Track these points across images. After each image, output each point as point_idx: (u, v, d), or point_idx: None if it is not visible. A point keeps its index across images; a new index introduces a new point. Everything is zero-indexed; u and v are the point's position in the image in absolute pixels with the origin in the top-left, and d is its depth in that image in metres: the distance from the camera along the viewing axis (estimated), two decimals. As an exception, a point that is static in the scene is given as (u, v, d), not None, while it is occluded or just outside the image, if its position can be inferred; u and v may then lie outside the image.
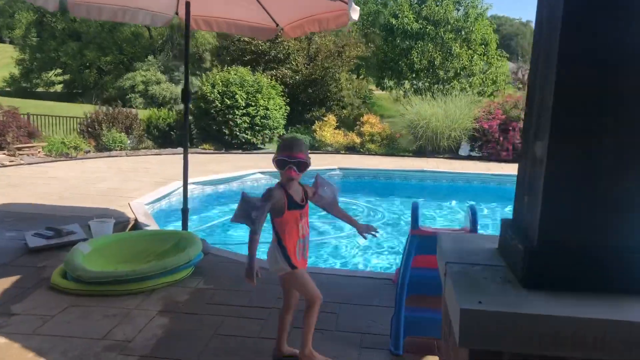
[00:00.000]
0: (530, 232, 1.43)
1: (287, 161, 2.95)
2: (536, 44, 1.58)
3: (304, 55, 17.12)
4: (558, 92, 1.36)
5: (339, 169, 10.82)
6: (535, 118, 1.50)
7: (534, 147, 1.48)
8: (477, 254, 1.66)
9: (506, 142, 12.32)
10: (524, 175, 1.56)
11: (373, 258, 6.40)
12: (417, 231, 3.59)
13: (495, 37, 17.35)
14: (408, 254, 3.60)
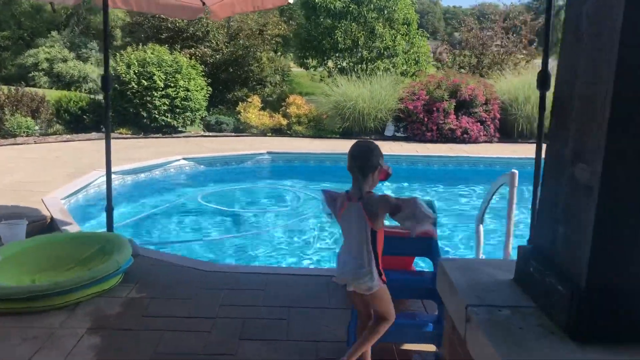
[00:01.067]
0: (574, 272, 1.21)
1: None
2: (571, 39, 1.33)
3: (225, 34, 16.44)
4: (617, 104, 1.13)
5: (268, 153, 10.47)
6: (573, 134, 1.27)
7: (572, 169, 1.25)
8: (495, 290, 1.43)
9: (430, 122, 12.43)
10: (556, 201, 1.33)
11: (317, 252, 6.14)
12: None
13: (416, 16, 17.46)
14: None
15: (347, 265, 2.85)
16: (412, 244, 3.41)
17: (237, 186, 9.02)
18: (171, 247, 5.96)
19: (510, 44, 18.68)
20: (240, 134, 13.16)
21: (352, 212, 2.78)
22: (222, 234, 6.53)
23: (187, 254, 5.54)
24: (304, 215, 7.38)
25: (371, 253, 2.80)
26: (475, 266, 1.57)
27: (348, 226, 2.84)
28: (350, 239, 2.84)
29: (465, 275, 1.50)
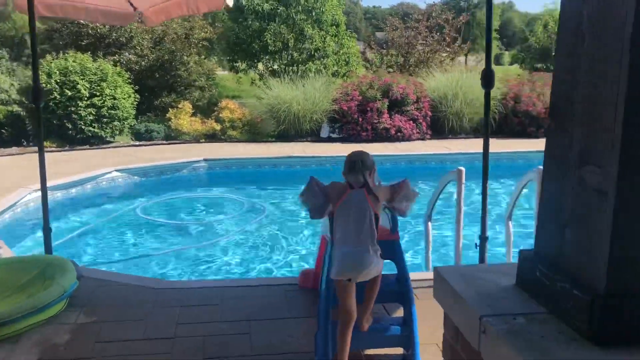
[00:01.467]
0: (591, 277, 1.20)
1: None
2: (569, 40, 1.32)
3: (149, 39, 15.90)
4: (632, 104, 1.12)
5: (204, 160, 10.21)
6: (578, 136, 1.26)
7: (579, 172, 1.25)
8: (503, 298, 1.41)
9: (365, 122, 12.56)
10: (561, 205, 1.32)
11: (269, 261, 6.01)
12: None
13: (344, 18, 17.62)
14: (330, 262, 3.31)
15: (349, 258, 2.88)
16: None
17: (176, 196, 8.74)
18: (115, 265, 5.67)
19: (434, 43, 19.23)
20: (172, 141, 12.79)
21: (353, 199, 2.92)
22: (167, 248, 6.28)
23: (133, 272, 5.29)
24: (250, 222, 7.24)
25: (375, 234, 2.92)
26: (475, 273, 1.54)
27: (346, 214, 2.92)
28: (349, 228, 2.89)
29: (468, 283, 1.47)
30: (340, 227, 2.95)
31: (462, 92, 13.26)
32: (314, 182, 3.11)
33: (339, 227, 2.96)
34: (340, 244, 2.93)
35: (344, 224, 2.93)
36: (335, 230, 2.98)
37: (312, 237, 6.74)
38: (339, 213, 2.96)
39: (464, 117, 13.28)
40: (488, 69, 4.17)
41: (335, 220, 2.99)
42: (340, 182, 3.07)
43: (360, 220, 2.90)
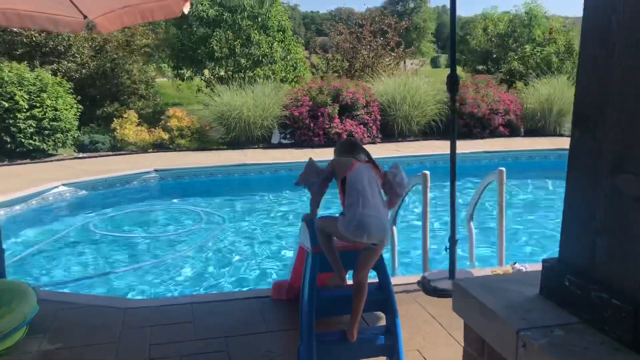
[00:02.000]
0: (631, 286, 1.21)
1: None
2: (597, 50, 1.32)
3: (89, 47, 15.35)
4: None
5: (155, 170, 9.91)
6: (611, 145, 1.26)
7: (613, 180, 1.25)
8: (532, 309, 1.41)
9: (317, 128, 12.56)
10: (592, 213, 1.32)
11: (237, 273, 5.85)
12: (318, 249, 3.28)
13: (290, 23, 17.58)
14: (312, 274, 3.26)
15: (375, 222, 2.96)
16: (354, 256, 3.34)
17: (130, 209, 8.44)
18: (74, 285, 5.39)
19: (379, 47, 19.47)
20: (119, 152, 12.37)
21: (363, 169, 3.13)
22: (127, 264, 6.04)
23: (95, 291, 5.04)
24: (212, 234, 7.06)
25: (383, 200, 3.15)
26: (498, 284, 1.53)
27: (360, 181, 3.06)
28: (365, 194, 3.01)
29: (494, 295, 1.45)
30: (355, 192, 3.02)
31: (410, 95, 13.48)
32: (313, 163, 3.40)
33: (353, 191, 3.03)
34: (361, 208, 2.97)
35: (361, 189, 3.02)
36: (349, 195, 3.04)
37: (278, 247, 6.65)
38: (351, 180, 3.08)
39: (413, 120, 13.50)
40: (453, 74, 4.22)
41: (348, 187, 3.07)
42: (342, 158, 3.30)
43: (374, 189, 3.08)
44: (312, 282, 3.23)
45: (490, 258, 5.99)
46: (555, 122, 13.88)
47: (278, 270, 5.83)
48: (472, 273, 4.53)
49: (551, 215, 7.91)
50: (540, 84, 14.31)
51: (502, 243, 4.98)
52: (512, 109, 13.77)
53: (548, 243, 6.67)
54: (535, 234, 6.95)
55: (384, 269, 3.35)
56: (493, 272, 4.54)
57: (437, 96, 13.76)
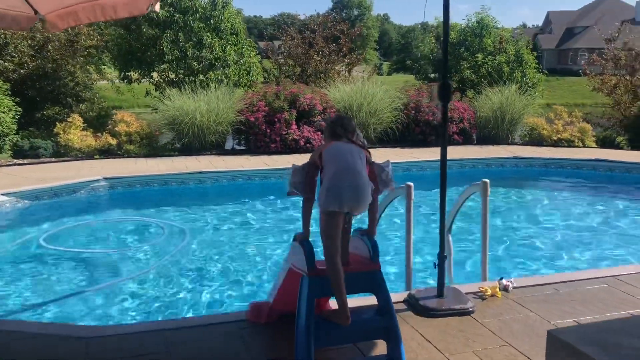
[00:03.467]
0: None
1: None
2: None
3: (29, 45, 14.43)
4: None
5: (104, 179, 9.30)
6: None
7: None
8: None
9: (273, 134, 12.23)
10: None
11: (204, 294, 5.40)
12: (316, 271, 2.98)
13: (243, 26, 17.18)
14: (309, 300, 2.96)
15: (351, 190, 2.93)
16: (354, 279, 3.06)
17: (79, 222, 7.84)
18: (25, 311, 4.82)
19: (331, 53, 19.34)
20: (62, 158, 11.62)
21: (342, 145, 3.09)
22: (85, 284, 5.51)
23: (51, 317, 4.53)
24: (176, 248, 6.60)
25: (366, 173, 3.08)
26: (610, 339, 1.28)
27: (337, 154, 3.03)
28: (343, 164, 2.98)
29: (611, 354, 1.20)
30: (333, 165, 3.00)
31: (367, 102, 13.36)
32: (295, 165, 3.26)
33: (331, 165, 3.01)
34: (336, 179, 2.95)
35: (337, 162, 3.00)
36: (327, 170, 3.01)
37: (250, 263, 6.27)
38: (327, 155, 3.05)
39: (370, 127, 13.38)
40: (445, 83, 4.02)
41: (326, 164, 3.04)
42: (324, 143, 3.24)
43: (354, 158, 3.02)
44: (310, 309, 2.93)
45: (471, 271, 5.87)
46: (507, 130, 14.09)
47: (251, 289, 5.47)
48: (459, 290, 4.34)
49: (516, 225, 7.91)
50: (492, 93, 14.50)
51: (485, 257, 4.83)
52: (466, 117, 13.89)
53: (519, 254, 6.62)
54: (505, 245, 6.88)
55: (386, 293, 3.09)
56: (480, 288, 4.37)
57: (393, 103, 13.71)
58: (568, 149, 12.86)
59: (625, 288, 4.43)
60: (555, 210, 8.83)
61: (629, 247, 6.86)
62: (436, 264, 4.20)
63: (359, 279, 3.06)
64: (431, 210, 8.45)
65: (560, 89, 44.84)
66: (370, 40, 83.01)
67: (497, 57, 18.10)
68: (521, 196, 9.80)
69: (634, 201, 9.07)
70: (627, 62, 16.32)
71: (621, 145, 13.37)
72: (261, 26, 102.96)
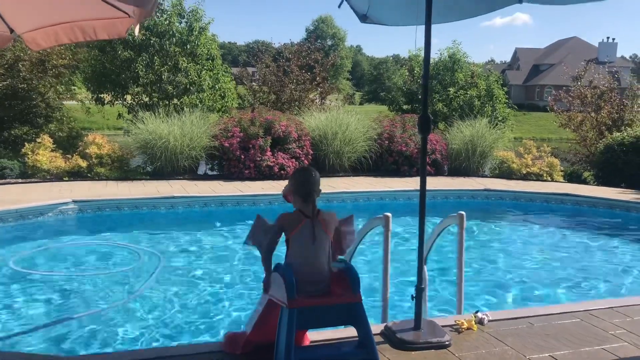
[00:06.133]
0: None
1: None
2: None
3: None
4: None
5: (73, 202, 9.09)
6: None
7: None
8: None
9: (248, 160, 12.18)
10: None
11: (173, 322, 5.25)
12: (296, 303, 2.93)
13: (219, 52, 17.22)
14: (289, 332, 2.90)
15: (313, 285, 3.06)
16: (334, 312, 3.03)
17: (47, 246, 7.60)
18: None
19: (306, 82, 19.51)
20: (29, 180, 11.34)
21: (309, 227, 3.10)
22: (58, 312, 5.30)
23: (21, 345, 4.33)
24: (151, 275, 6.43)
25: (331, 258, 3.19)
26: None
27: (305, 241, 3.09)
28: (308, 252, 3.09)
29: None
30: (298, 254, 3.11)
31: (342, 131, 13.46)
32: (262, 220, 3.28)
33: (296, 254, 3.11)
34: (297, 274, 3.01)
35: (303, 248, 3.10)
36: (293, 256, 3.13)
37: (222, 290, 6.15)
38: (295, 241, 3.12)
39: (344, 155, 13.46)
40: (425, 115, 4.07)
41: (292, 248, 3.14)
42: (290, 212, 3.18)
43: (318, 247, 3.10)
44: (289, 341, 2.88)
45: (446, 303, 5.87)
46: (477, 163, 14.33)
47: (225, 318, 5.35)
48: (436, 323, 4.32)
49: (489, 257, 7.98)
50: (463, 126, 14.78)
51: (461, 290, 4.84)
52: (438, 148, 14.10)
53: (491, 287, 6.66)
54: (478, 277, 6.93)
55: (367, 326, 3.05)
56: (457, 321, 4.37)
57: (367, 133, 13.85)
58: (537, 182, 13.14)
59: (598, 323, 4.48)
60: (527, 243, 8.96)
61: (599, 281, 6.98)
62: (413, 296, 4.18)
63: (339, 311, 3.02)
64: (404, 240, 8.51)
65: (527, 123, 46.05)
66: (343, 71, 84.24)
67: (468, 91, 18.52)
68: (492, 228, 9.92)
69: (603, 236, 9.27)
70: (592, 99, 16.89)
71: (588, 181, 13.73)
72: (235, 52, 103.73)
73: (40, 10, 4.66)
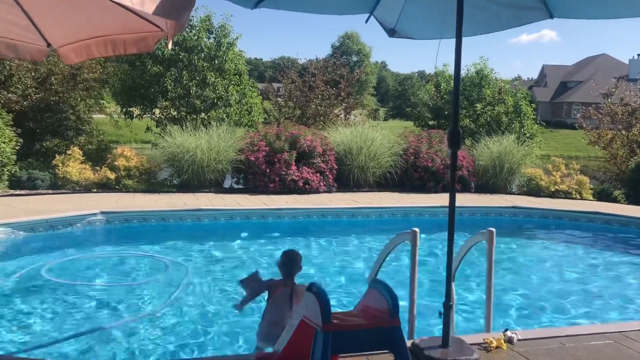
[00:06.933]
0: None
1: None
2: None
3: (32, 77, 14.54)
4: None
5: (101, 213, 9.21)
6: None
7: None
8: None
9: (273, 174, 12.23)
10: None
11: (203, 334, 5.23)
12: (332, 326, 2.87)
13: (246, 68, 17.41)
14: (323, 357, 2.83)
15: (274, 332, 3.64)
16: (371, 336, 2.95)
17: (79, 256, 7.70)
18: (28, 349, 4.66)
19: (331, 97, 19.58)
20: (60, 190, 11.55)
21: (285, 296, 3.90)
22: (88, 321, 5.34)
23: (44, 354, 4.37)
24: (179, 287, 6.46)
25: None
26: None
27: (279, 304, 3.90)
28: (278, 314, 3.85)
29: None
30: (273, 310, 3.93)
31: (367, 146, 13.44)
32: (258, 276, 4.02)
33: (270, 312, 3.93)
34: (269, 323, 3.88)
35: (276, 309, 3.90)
36: (268, 310, 3.96)
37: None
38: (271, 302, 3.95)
39: (368, 170, 13.43)
40: (455, 130, 4.03)
41: (270, 304, 3.96)
42: (277, 280, 3.99)
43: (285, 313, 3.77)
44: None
45: (473, 321, 5.77)
46: (505, 180, 14.14)
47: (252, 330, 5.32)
48: (464, 340, 4.24)
49: (518, 275, 7.84)
50: (491, 142, 14.63)
51: (490, 308, 4.74)
52: (465, 165, 13.96)
53: (520, 305, 6.53)
54: (510, 296, 6.79)
55: (405, 349, 2.96)
56: (485, 339, 4.28)
57: (393, 148, 13.81)
58: (566, 200, 12.90)
59: (631, 344, 4.35)
60: (556, 262, 8.78)
61: (632, 302, 6.78)
62: (441, 312, 4.11)
63: (376, 335, 2.95)
64: (429, 256, 8.40)
65: (555, 140, 45.39)
66: (368, 86, 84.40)
67: (495, 107, 18.36)
68: (521, 246, 9.75)
69: (635, 256, 9.03)
70: (623, 117, 16.59)
71: (618, 199, 13.43)
72: (261, 68, 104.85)
73: (75, 24, 4.76)
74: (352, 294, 6.25)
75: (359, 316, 2.91)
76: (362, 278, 6.72)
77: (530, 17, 4.31)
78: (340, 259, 8.36)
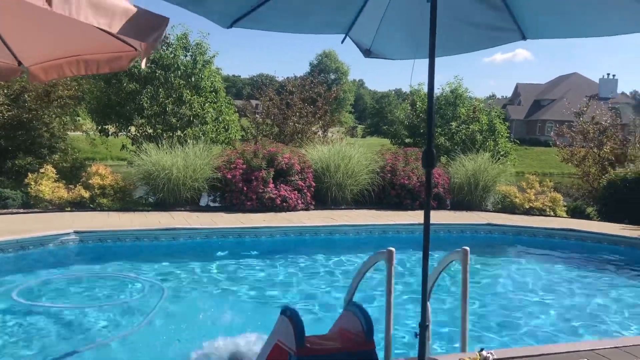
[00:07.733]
0: None
1: None
2: None
3: (4, 95, 14.31)
4: None
5: (75, 232, 9.04)
6: None
7: None
8: None
9: (250, 191, 12.17)
10: None
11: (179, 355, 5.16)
12: (306, 350, 2.86)
13: (223, 85, 17.40)
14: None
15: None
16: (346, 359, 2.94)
17: (52, 276, 7.56)
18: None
19: (308, 115, 19.66)
20: (32, 209, 11.31)
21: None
22: (63, 344, 5.21)
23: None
24: (154, 308, 6.35)
25: None
26: None
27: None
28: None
29: None
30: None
31: (344, 164, 13.48)
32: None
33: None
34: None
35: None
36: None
37: (230, 325, 6.06)
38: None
39: (346, 188, 13.45)
40: (429, 150, 4.05)
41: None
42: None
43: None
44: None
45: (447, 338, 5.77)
46: (480, 197, 14.28)
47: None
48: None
49: (493, 293, 7.88)
50: (466, 160, 14.79)
51: (465, 327, 4.74)
52: (440, 182, 14.07)
53: (495, 324, 6.56)
54: (481, 314, 6.82)
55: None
56: (461, 359, 4.27)
57: (370, 166, 13.87)
58: (540, 217, 13.07)
59: (605, 362, 4.39)
60: (531, 279, 8.86)
61: (605, 319, 6.86)
62: (417, 333, 4.09)
63: (351, 359, 2.94)
64: (407, 274, 8.42)
65: (529, 158, 46.13)
66: (346, 104, 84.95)
67: (470, 125, 18.62)
68: (496, 263, 9.83)
69: (608, 272, 9.17)
70: (594, 135, 16.95)
71: (591, 216, 13.65)
72: (239, 85, 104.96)
73: (47, 43, 4.72)
74: (327, 316, 6.21)
75: (334, 339, 2.89)
76: (338, 298, 6.69)
77: (503, 38, 4.39)
78: (318, 278, 8.33)
